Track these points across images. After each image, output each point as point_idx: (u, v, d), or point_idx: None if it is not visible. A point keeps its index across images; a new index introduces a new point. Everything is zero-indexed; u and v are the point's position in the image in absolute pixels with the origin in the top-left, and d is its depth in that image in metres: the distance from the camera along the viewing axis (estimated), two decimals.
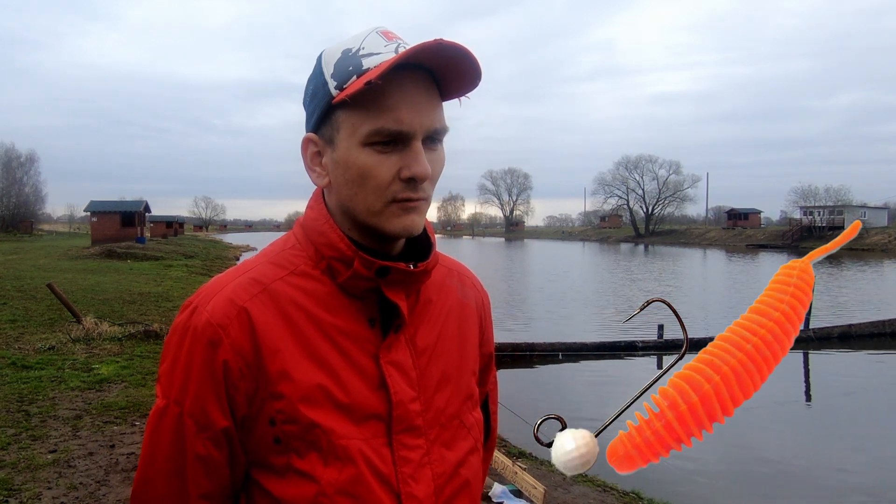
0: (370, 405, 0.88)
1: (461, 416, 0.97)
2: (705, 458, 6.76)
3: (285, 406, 0.85)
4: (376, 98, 0.82)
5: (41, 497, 3.92)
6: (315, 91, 0.89)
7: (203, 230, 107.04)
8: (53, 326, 9.78)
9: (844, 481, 6.17)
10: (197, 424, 0.85)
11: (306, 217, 0.95)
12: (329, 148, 0.89)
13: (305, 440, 0.85)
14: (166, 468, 0.87)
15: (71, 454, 4.64)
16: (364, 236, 0.91)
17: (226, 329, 0.85)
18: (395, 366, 0.90)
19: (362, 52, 0.85)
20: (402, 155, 0.85)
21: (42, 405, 5.79)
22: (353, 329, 0.90)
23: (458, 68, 0.85)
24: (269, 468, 0.87)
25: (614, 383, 10.13)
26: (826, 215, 66.78)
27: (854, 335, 13.09)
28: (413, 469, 0.89)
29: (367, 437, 0.87)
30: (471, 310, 1.06)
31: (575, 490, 4.94)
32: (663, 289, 23.29)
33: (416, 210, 0.88)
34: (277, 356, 0.85)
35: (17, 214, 65.60)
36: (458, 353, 1.00)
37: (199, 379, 0.85)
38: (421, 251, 0.97)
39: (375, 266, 0.88)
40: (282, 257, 0.93)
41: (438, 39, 0.79)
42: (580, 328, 14.42)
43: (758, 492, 5.91)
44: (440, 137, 0.89)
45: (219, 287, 0.89)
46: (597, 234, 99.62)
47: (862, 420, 8.20)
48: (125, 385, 6.65)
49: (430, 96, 0.86)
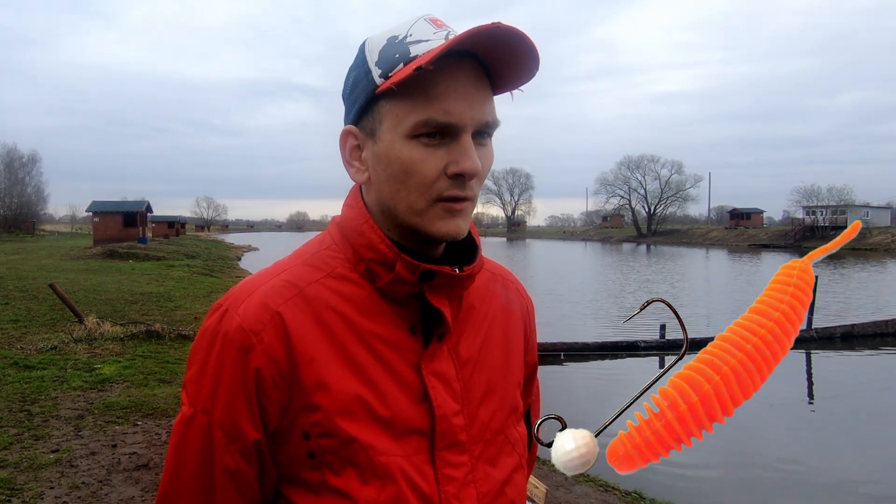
0: (412, 419, 0.82)
1: (506, 431, 0.91)
2: (707, 459, 6.75)
3: (321, 419, 0.79)
4: (424, 87, 0.77)
5: (43, 496, 3.93)
6: (357, 80, 0.83)
7: (205, 230, 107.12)
8: (55, 326, 9.79)
9: (847, 482, 6.16)
10: (227, 436, 0.80)
11: (344, 216, 0.90)
12: (370, 141, 0.83)
13: (342, 456, 0.79)
14: (193, 481, 0.82)
15: (73, 454, 4.64)
16: (405, 237, 0.85)
17: (259, 335, 0.79)
18: (437, 377, 0.84)
19: (410, 38, 0.79)
20: (450, 149, 0.79)
21: (44, 405, 5.80)
22: (393, 336, 0.84)
23: (514, 56, 0.79)
24: (302, 484, 0.82)
25: (616, 383, 10.12)
26: (829, 215, 66.68)
27: (857, 335, 13.06)
28: (457, 489, 0.83)
29: (409, 453, 0.81)
30: (516, 317, 1.00)
31: (577, 490, 4.93)
32: (665, 289, 23.27)
33: (461, 213, 0.82)
34: (313, 365, 0.80)
35: (19, 215, 65.71)
36: (503, 363, 0.94)
37: (229, 387, 0.79)
38: (464, 253, 0.91)
39: (419, 270, 0.82)
40: (318, 258, 0.87)
41: (496, 23, 0.73)
42: (582, 328, 14.41)
43: (759, 492, 5.90)
44: (490, 132, 0.84)
45: (251, 289, 0.83)
46: (599, 233, 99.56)
47: (864, 420, 8.17)
48: (127, 385, 6.66)
49: (481, 87, 0.80)
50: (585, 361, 11.20)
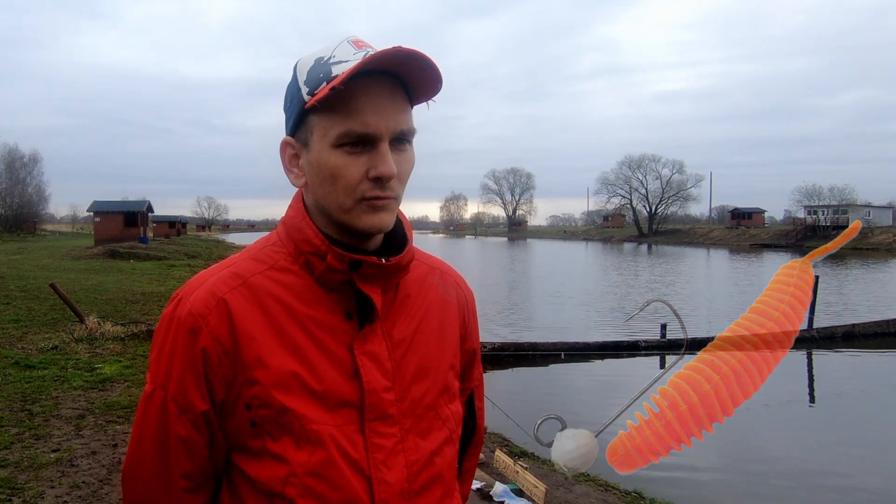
0: (343, 393, 0.92)
1: (437, 408, 1.01)
2: (707, 458, 6.75)
3: (260, 392, 0.90)
4: (344, 102, 0.88)
5: (44, 496, 3.93)
6: (291, 97, 0.95)
7: (206, 230, 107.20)
8: (56, 326, 9.80)
9: (848, 482, 6.15)
10: (179, 407, 0.91)
11: (287, 215, 1.01)
12: (304, 150, 0.95)
13: (278, 424, 0.90)
14: (152, 449, 0.93)
15: (74, 453, 4.65)
16: (340, 233, 0.96)
17: (205, 318, 0.91)
18: (369, 356, 0.94)
19: (333, 59, 0.90)
20: (370, 156, 0.90)
21: (45, 404, 5.80)
22: (329, 321, 0.94)
23: (420, 74, 0.90)
24: (246, 451, 0.92)
25: (617, 383, 10.12)
26: (830, 214, 66.61)
27: (858, 335, 13.05)
28: (385, 456, 0.93)
29: (339, 423, 0.91)
30: (452, 307, 1.09)
31: (577, 490, 4.93)
32: (667, 288, 23.25)
33: (384, 208, 0.92)
34: (253, 344, 0.90)
35: (20, 214, 65.73)
36: (437, 346, 1.03)
37: (180, 365, 0.91)
38: (399, 247, 1.01)
39: (347, 259, 0.93)
40: (263, 253, 0.99)
41: (396, 47, 0.84)
42: (583, 328, 14.40)
43: (760, 492, 5.89)
44: (408, 139, 0.94)
45: (202, 280, 0.95)
46: (600, 233, 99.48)
47: (866, 420, 8.17)
48: (128, 384, 6.67)
49: (395, 100, 0.91)
50: (586, 361, 11.19)
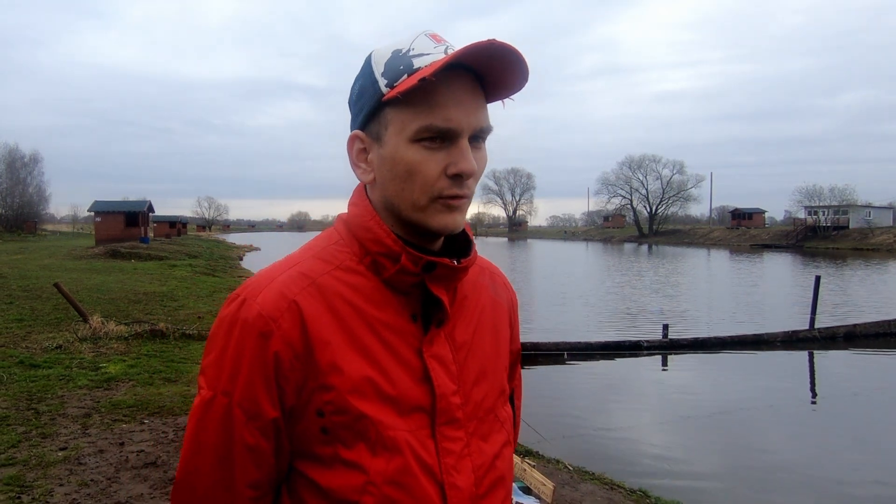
0: (415, 397, 0.90)
1: (496, 410, 1.00)
2: (711, 458, 6.77)
3: (335, 397, 0.86)
4: (426, 96, 0.85)
5: (53, 493, 3.95)
6: (363, 90, 0.91)
7: (206, 230, 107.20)
8: (60, 326, 9.82)
9: (850, 482, 6.15)
10: (246, 414, 0.86)
11: (350, 214, 0.97)
12: (376, 144, 0.91)
13: (353, 430, 0.86)
14: (213, 458, 0.88)
15: (81, 451, 4.67)
16: (407, 232, 0.93)
17: (277, 321, 0.86)
18: (437, 359, 0.92)
19: (412, 52, 0.87)
20: (449, 152, 0.87)
21: (51, 403, 5.82)
22: (397, 323, 0.91)
23: (507, 70, 0.87)
24: (314, 458, 0.89)
25: (619, 383, 10.14)
26: (831, 215, 66.60)
27: (859, 335, 13.06)
28: (455, 460, 0.91)
29: (413, 428, 0.89)
30: (502, 308, 1.08)
31: (582, 488, 4.95)
32: (673, 289, 23.26)
33: (459, 208, 0.90)
34: (327, 349, 0.87)
35: (21, 214, 65.72)
36: (492, 348, 1.02)
37: (249, 370, 0.86)
38: (458, 248, 0.99)
39: (423, 261, 0.90)
40: (327, 252, 0.95)
41: (491, 40, 0.81)
42: (585, 328, 14.42)
43: (762, 492, 5.90)
44: (484, 136, 0.92)
45: (267, 280, 0.90)
46: (600, 234, 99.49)
47: (867, 421, 8.17)
48: (133, 384, 6.69)
49: (476, 96, 0.88)
50: (588, 361, 11.21)
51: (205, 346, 0.93)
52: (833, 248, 56.15)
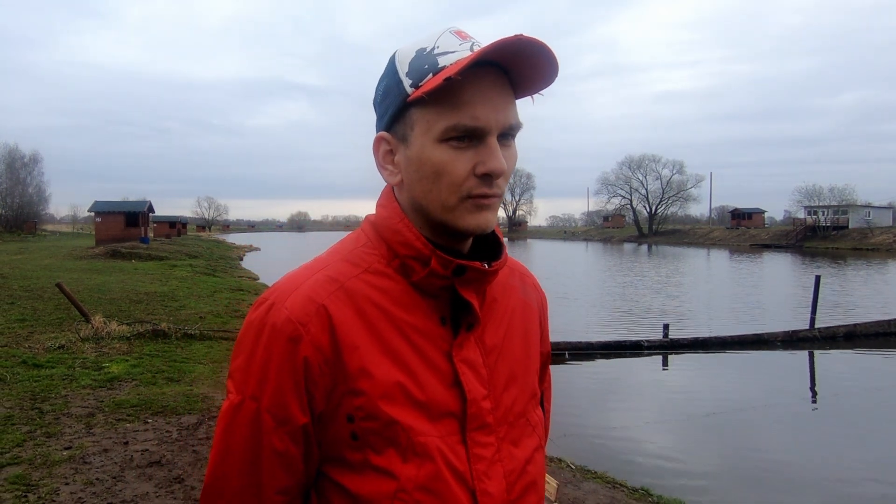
0: (445, 403, 0.88)
1: (527, 415, 0.98)
2: (712, 457, 6.79)
3: (365, 403, 0.85)
4: (452, 95, 0.83)
5: (59, 492, 3.97)
6: (388, 90, 0.90)
7: (206, 230, 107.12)
8: (62, 326, 9.84)
9: (850, 482, 6.16)
10: (275, 419, 0.85)
11: (378, 216, 0.95)
12: (402, 145, 0.90)
13: (384, 436, 0.85)
14: (241, 463, 0.87)
15: (85, 451, 4.69)
16: (436, 234, 0.91)
17: (306, 326, 0.85)
18: (467, 364, 0.91)
19: (437, 50, 0.85)
20: (477, 151, 0.85)
21: (55, 403, 5.84)
22: (426, 327, 0.90)
23: (535, 65, 0.85)
24: (345, 464, 0.87)
25: (620, 383, 10.16)
26: (830, 215, 66.61)
27: (859, 335, 13.08)
28: (486, 466, 0.89)
29: (443, 434, 0.87)
30: (532, 309, 1.07)
31: (585, 486, 4.97)
32: (676, 289, 23.28)
33: (489, 207, 0.88)
34: (356, 353, 0.85)
35: (20, 215, 65.68)
36: (522, 351, 1.01)
37: (278, 375, 0.85)
38: (487, 250, 0.97)
39: (453, 265, 0.88)
40: (355, 255, 0.93)
41: (518, 35, 0.79)
42: (586, 328, 14.44)
43: (762, 491, 5.92)
44: (514, 134, 0.90)
45: (295, 284, 0.89)
46: (600, 233, 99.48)
47: (867, 420, 8.19)
48: (136, 383, 6.71)
49: (504, 93, 0.86)
50: (589, 360, 11.23)
51: (233, 349, 0.92)
52: (833, 248, 56.17)
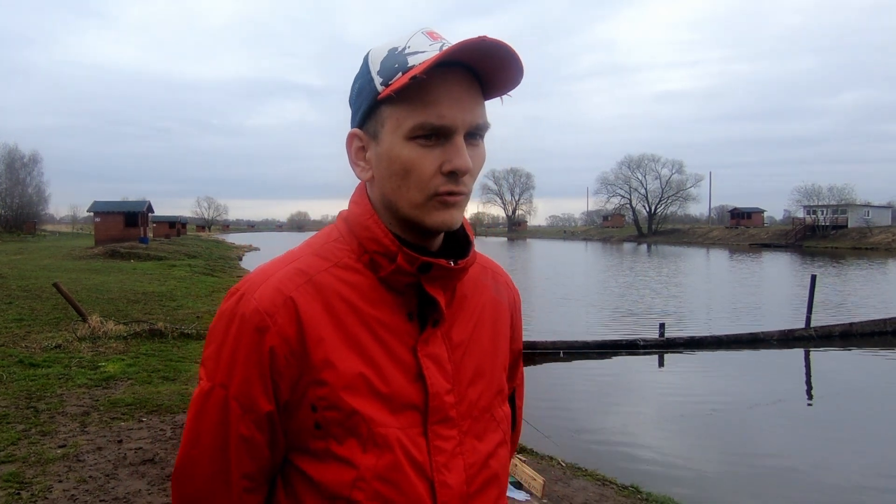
0: (408, 395, 0.91)
1: (492, 410, 1.00)
2: (704, 454, 6.82)
3: (328, 393, 0.87)
4: (420, 94, 0.85)
5: (52, 489, 4.00)
6: (361, 88, 0.92)
7: (206, 230, 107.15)
8: (59, 325, 9.87)
9: (845, 481, 6.17)
10: (242, 407, 0.88)
11: (350, 212, 0.98)
12: (373, 143, 0.92)
13: (345, 426, 0.87)
14: (210, 448, 0.90)
15: (79, 449, 4.72)
16: (405, 231, 0.93)
17: (273, 317, 0.87)
18: (431, 358, 0.93)
19: (408, 50, 0.87)
20: (444, 149, 0.87)
21: (50, 402, 5.87)
22: (392, 322, 0.92)
23: (501, 66, 0.87)
24: (308, 452, 0.90)
25: (616, 382, 10.19)
26: (830, 214, 66.64)
27: (855, 333, 13.12)
28: (446, 458, 0.92)
29: (404, 426, 0.90)
30: (503, 307, 1.08)
31: (574, 484, 5.00)
32: (678, 289, 23.30)
33: (455, 205, 0.90)
34: (321, 345, 0.88)
35: (20, 215, 65.71)
36: (491, 348, 1.02)
37: (245, 364, 0.87)
38: (459, 248, 0.99)
39: (418, 262, 0.90)
40: (326, 250, 0.95)
41: (482, 37, 0.81)
42: (584, 327, 14.47)
43: (756, 488, 5.94)
44: (481, 133, 0.92)
45: (265, 276, 0.91)
46: (599, 233, 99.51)
47: (863, 419, 8.21)
48: (131, 382, 6.74)
49: (471, 93, 0.88)
50: (585, 360, 11.26)
51: (206, 338, 0.95)
52: (832, 248, 56.21)
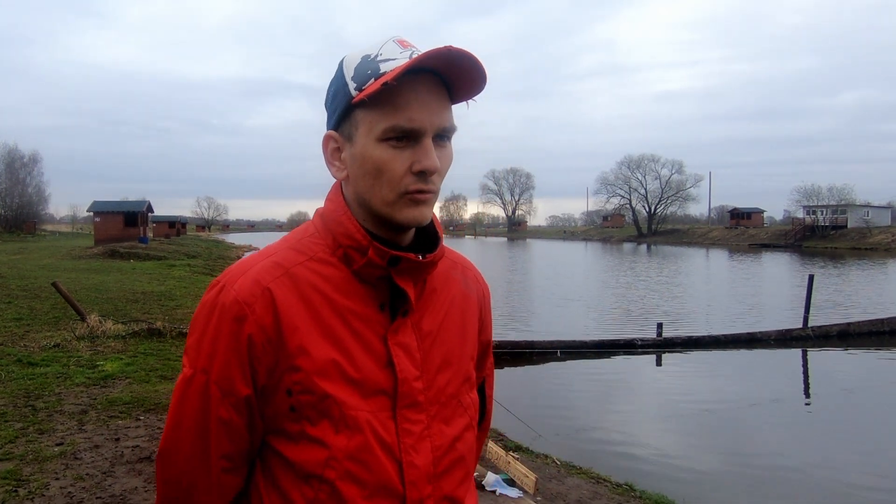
0: (378, 381, 0.97)
1: (459, 396, 1.06)
2: (699, 453, 6.84)
3: (302, 378, 0.94)
4: (391, 98, 0.92)
5: (49, 487, 4.03)
6: (336, 92, 0.99)
7: (205, 230, 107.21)
8: (58, 324, 9.90)
9: (842, 480, 6.18)
10: (221, 391, 0.95)
11: (326, 208, 1.05)
12: (348, 144, 0.99)
13: (318, 409, 0.94)
14: (192, 430, 0.97)
15: (77, 447, 4.75)
16: (378, 227, 1.00)
17: (251, 307, 0.94)
18: (401, 347, 0.99)
19: (380, 57, 0.94)
20: (414, 150, 0.94)
21: (48, 400, 5.90)
22: (364, 312, 0.99)
23: (466, 73, 0.94)
24: (284, 434, 0.96)
25: (613, 381, 10.21)
26: (829, 214, 66.67)
27: (853, 333, 13.14)
28: (414, 441, 0.98)
29: (374, 409, 0.96)
30: (472, 301, 1.15)
31: (568, 482, 5.02)
32: (680, 289, 23.33)
33: (425, 202, 0.97)
34: (296, 333, 0.94)
35: (20, 215, 65.72)
36: (459, 339, 1.09)
37: (225, 351, 0.94)
38: (429, 243, 1.06)
39: (388, 255, 0.96)
40: (302, 244, 1.02)
41: (448, 46, 0.88)
42: (580, 327, 14.49)
43: (752, 487, 5.96)
44: (449, 135, 0.99)
45: (245, 268, 0.98)
46: (599, 233, 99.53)
47: (860, 419, 8.23)
48: (129, 381, 6.76)
49: (439, 98, 0.95)
50: (583, 359, 11.29)
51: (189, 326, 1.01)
52: (831, 248, 56.25)
